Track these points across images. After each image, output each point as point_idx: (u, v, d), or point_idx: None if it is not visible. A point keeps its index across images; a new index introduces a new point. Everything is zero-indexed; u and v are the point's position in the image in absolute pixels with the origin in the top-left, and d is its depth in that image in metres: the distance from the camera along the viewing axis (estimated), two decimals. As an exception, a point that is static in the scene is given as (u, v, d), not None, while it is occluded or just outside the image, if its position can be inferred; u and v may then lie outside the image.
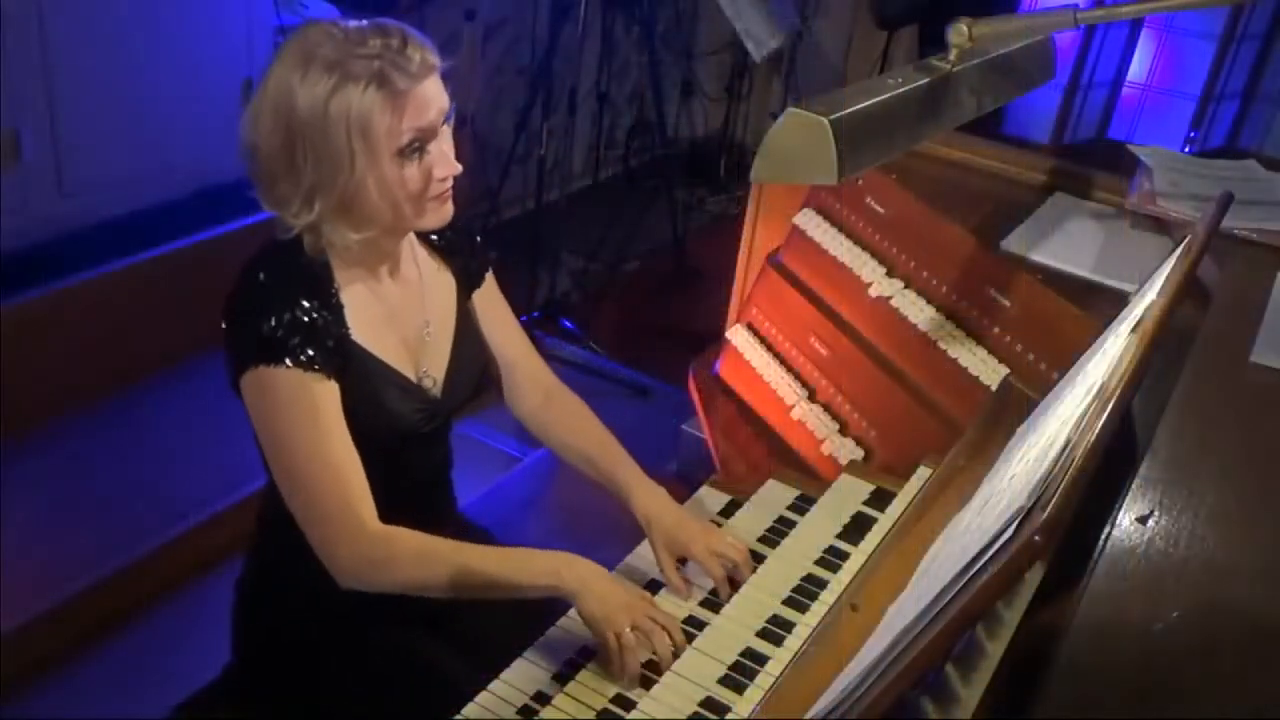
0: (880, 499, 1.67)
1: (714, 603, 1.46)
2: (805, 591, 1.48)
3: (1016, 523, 0.82)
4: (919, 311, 1.90)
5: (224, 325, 1.36)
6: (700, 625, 1.42)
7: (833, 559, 1.54)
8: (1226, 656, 0.97)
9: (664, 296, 4.14)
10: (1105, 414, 0.97)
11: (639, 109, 5.04)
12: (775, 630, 1.41)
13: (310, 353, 1.31)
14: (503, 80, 4.26)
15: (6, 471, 2.41)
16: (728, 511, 1.68)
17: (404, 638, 1.48)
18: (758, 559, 1.54)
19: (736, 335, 2.34)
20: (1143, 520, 1.12)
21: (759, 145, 1.23)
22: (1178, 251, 1.40)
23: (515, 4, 4.30)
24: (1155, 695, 0.91)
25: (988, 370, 1.76)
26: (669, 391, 3.19)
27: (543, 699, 1.31)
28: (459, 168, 1.35)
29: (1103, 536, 1.09)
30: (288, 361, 1.30)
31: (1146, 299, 1.27)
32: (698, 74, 5.16)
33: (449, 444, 1.60)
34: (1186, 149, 3.69)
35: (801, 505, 1.67)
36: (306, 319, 1.32)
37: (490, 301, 1.62)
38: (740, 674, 1.34)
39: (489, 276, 1.61)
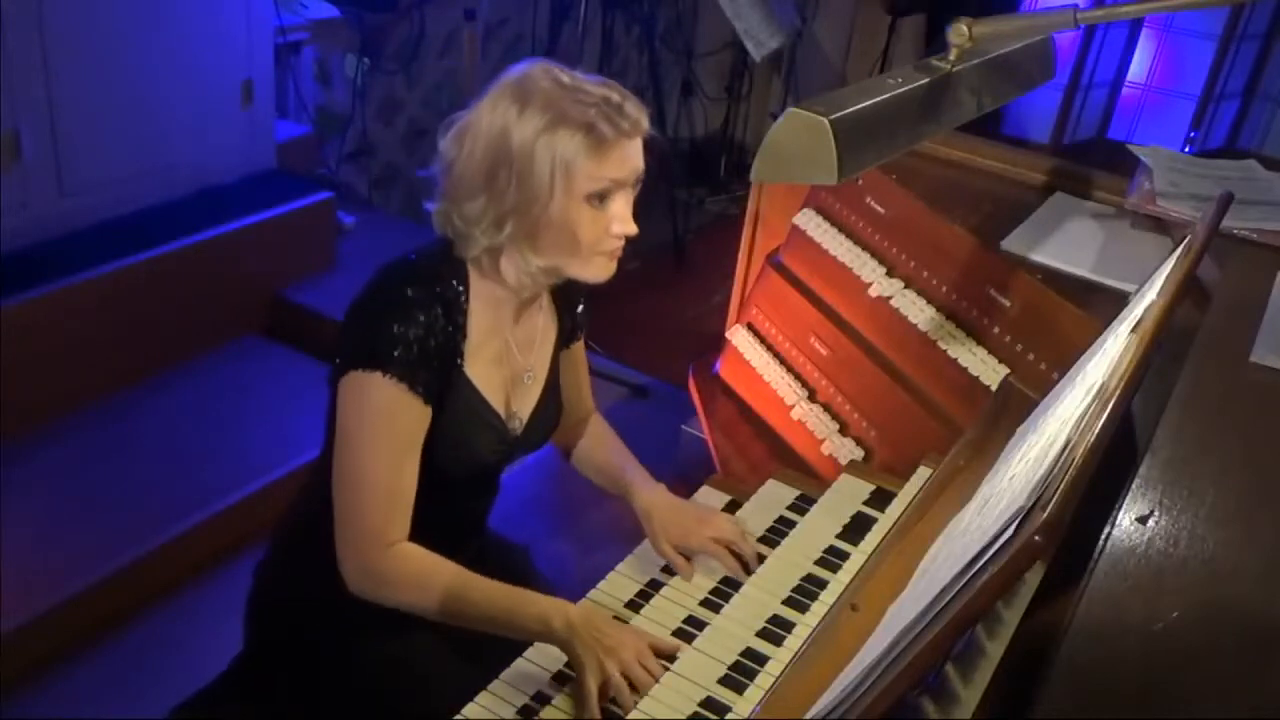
0: (880, 499, 1.67)
1: (714, 603, 1.46)
2: (805, 591, 1.48)
3: (1016, 523, 0.82)
4: (919, 311, 1.90)
5: (347, 321, 1.38)
6: (700, 625, 1.42)
7: (833, 559, 1.54)
8: (1226, 656, 0.97)
9: (664, 296, 4.14)
10: (1105, 414, 0.97)
11: (639, 109, 5.04)
12: (775, 630, 1.41)
13: (419, 374, 1.35)
14: (503, 80, 4.26)
15: (6, 471, 2.41)
16: (728, 511, 1.68)
17: (406, 637, 1.49)
18: (757, 559, 1.54)
19: (736, 335, 2.34)
20: (1143, 520, 1.11)
21: (759, 145, 1.23)
22: (1178, 251, 1.40)
23: (515, 4, 4.31)
24: (1155, 695, 0.91)
25: (988, 370, 1.76)
26: (669, 391, 3.19)
27: (543, 699, 1.31)
28: (635, 230, 1.39)
29: (1103, 536, 1.09)
30: (396, 374, 1.33)
31: (1146, 299, 1.27)
32: (698, 74, 5.16)
33: (501, 476, 1.64)
34: (1186, 149, 3.69)
35: (801, 505, 1.68)
36: (430, 341, 1.35)
37: (578, 358, 1.68)
38: (740, 674, 1.34)
39: (582, 337, 1.68)
